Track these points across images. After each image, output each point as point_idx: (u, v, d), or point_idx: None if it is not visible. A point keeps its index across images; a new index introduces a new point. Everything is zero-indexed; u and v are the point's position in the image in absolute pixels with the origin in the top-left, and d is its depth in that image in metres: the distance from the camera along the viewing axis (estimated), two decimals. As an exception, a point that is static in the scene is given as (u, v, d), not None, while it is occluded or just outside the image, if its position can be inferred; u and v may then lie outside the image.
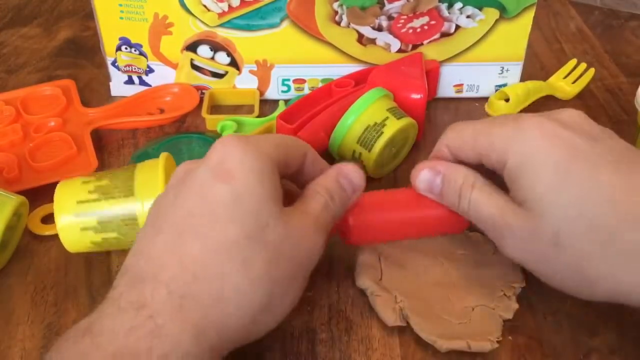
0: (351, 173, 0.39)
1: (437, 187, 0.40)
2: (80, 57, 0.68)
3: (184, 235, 0.33)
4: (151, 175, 0.43)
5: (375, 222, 0.41)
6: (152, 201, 0.40)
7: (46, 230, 0.46)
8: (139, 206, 0.42)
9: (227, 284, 0.32)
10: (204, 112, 0.57)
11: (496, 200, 0.37)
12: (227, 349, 0.33)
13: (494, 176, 0.39)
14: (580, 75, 0.63)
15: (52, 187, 0.44)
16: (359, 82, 0.55)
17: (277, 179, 0.35)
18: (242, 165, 0.33)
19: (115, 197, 0.42)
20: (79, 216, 0.42)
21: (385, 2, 0.55)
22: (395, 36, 0.57)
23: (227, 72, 0.59)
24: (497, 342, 0.38)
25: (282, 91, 0.60)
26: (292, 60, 0.58)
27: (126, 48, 0.58)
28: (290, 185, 0.40)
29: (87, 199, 0.42)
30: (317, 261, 0.36)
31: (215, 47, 0.58)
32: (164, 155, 0.45)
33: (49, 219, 0.46)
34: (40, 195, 0.48)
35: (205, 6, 0.55)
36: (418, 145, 0.55)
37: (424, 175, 0.40)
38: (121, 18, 0.56)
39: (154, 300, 0.31)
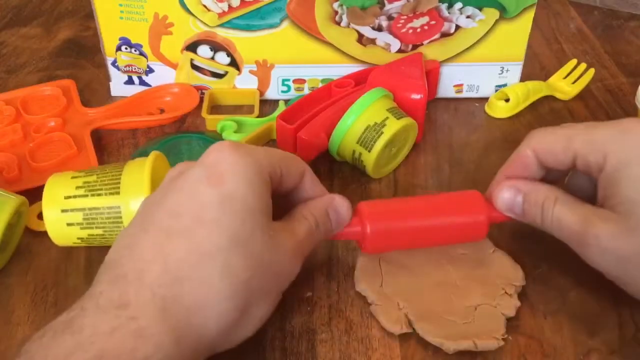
0: (340, 207, 0.39)
1: (519, 206, 0.40)
2: (80, 57, 0.68)
3: (170, 236, 0.33)
4: (138, 175, 0.43)
5: (393, 231, 0.40)
6: (137, 200, 0.41)
7: (42, 227, 0.46)
8: (123, 204, 0.42)
9: (210, 288, 0.32)
10: (204, 112, 0.57)
11: (580, 210, 0.38)
12: (204, 356, 0.33)
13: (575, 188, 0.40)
14: (580, 76, 0.63)
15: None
16: (359, 82, 0.55)
17: (268, 191, 0.35)
18: (234, 170, 0.33)
19: (102, 194, 0.42)
20: (65, 211, 0.42)
21: (385, 2, 0.55)
22: (395, 36, 0.57)
23: (227, 72, 0.59)
24: (503, 339, 0.38)
25: (282, 91, 0.60)
26: (292, 60, 0.58)
27: (126, 48, 0.58)
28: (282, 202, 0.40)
29: (74, 195, 0.42)
30: (289, 283, 0.37)
31: (215, 47, 0.58)
32: (153, 154, 0.44)
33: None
34: (40, 195, 0.48)
35: (205, 6, 0.55)
36: (418, 146, 0.55)
37: (505, 195, 0.40)
38: (121, 18, 0.56)
39: (137, 301, 0.31)
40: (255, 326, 0.35)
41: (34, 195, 0.48)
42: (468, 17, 0.56)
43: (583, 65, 0.64)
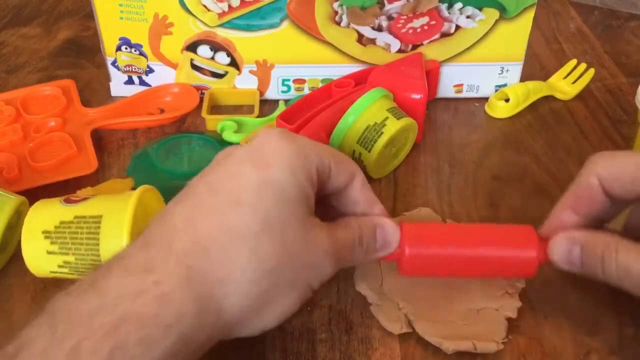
0: (390, 232, 0.37)
1: (577, 259, 0.36)
2: (80, 57, 0.68)
3: (204, 209, 0.32)
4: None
5: (433, 256, 0.38)
6: None
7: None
8: None
9: (236, 267, 0.31)
10: (204, 112, 0.57)
11: None
12: (221, 336, 0.33)
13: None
14: (580, 76, 0.63)
15: (52, 187, 0.45)
16: (359, 82, 0.55)
17: (311, 184, 0.34)
18: (278, 156, 0.33)
19: (86, 272, 0.41)
20: (54, 273, 0.42)
21: (385, 2, 0.55)
22: (395, 36, 0.57)
23: (227, 72, 0.59)
24: (503, 342, 0.38)
25: (282, 91, 0.60)
26: (292, 60, 0.58)
27: (126, 48, 0.58)
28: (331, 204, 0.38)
29: (59, 272, 0.41)
30: (320, 284, 0.35)
31: (215, 47, 0.58)
32: (127, 221, 0.40)
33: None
34: (40, 196, 0.48)
35: (205, 6, 0.55)
36: (418, 146, 0.55)
37: (560, 246, 0.36)
38: (121, 18, 0.56)
39: (163, 266, 0.31)
40: (278, 317, 0.34)
41: (34, 195, 0.47)
42: (468, 17, 0.56)
43: (583, 65, 0.64)
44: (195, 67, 0.59)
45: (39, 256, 0.41)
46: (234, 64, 0.58)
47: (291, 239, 0.32)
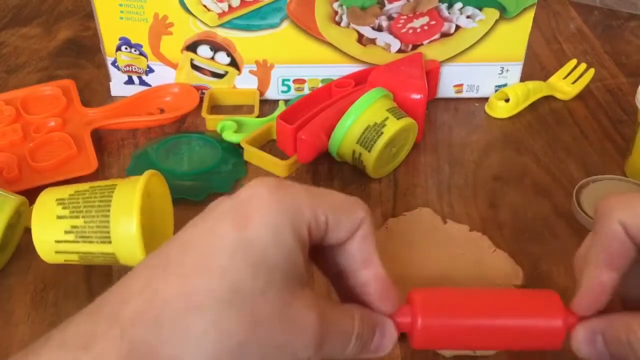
0: (387, 336, 0.32)
1: (602, 349, 0.32)
2: (80, 57, 0.68)
3: (167, 271, 0.28)
4: (126, 227, 0.41)
5: (449, 328, 0.33)
6: (131, 253, 0.41)
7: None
8: (118, 252, 0.41)
9: (189, 343, 0.27)
10: (204, 112, 0.57)
11: None
12: None
13: None
14: (580, 76, 0.63)
15: (52, 187, 0.45)
16: (359, 82, 0.55)
17: (300, 250, 0.29)
18: (264, 213, 0.28)
19: (93, 241, 0.41)
20: (60, 253, 0.42)
21: (385, 2, 0.55)
22: (395, 36, 0.57)
23: (227, 72, 0.59)
24: None
25: (282, 91, 0.60)
26: (292, 60, 0.58)
27: (126, 48, 0.58)
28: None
29: (65, 240, 0.41)
30: None
31: (215, 47, 0.58)
32: (140, 187, 0.41)
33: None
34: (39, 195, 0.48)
35: (205, 6, 0.55)
36: (418, 146, 0.55)
37: (582, 339, 0.32)
38: (121, 18, 0.56)
39: (103, 340, 0.27)
40: None
41: (34, 195, 0.47)
42: (468, 17, 0.56)
43: (583, 66, 0.64)
44: (195, 67, 0.59)
45: (48, 223, 0.41)
46: (234, 64, 0.58)
47: (264, 312, 0.27)
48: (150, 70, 0.59)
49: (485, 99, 0.61)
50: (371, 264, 0.32)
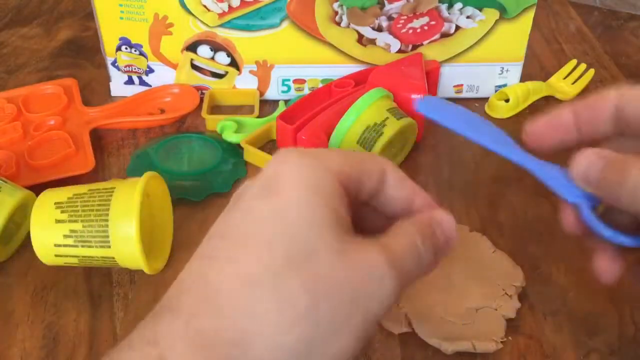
0: (445, 222, 0.32)
1: (596, 171, 0.33)
2: (80, 57, 0.68)
3: (213, 260, 0.28)
4: (127, 233, 0.40)
5: None
6: (129, 254, 0.40)
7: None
8: (117, 255, 0.41)
9: (257, 322, 0.26)
10: (204, 113, 0.57)
11: None
12: None
13: None
14: (580, 76, 0.63)
15: (49, 185, 0.45)
16: (359, 83, 0.55)
17: (340, 200, 0.29)
18: (292, 179, 0.28)
19: (92, 245, 0.41)
20: (59, 256, 0.42)
21: (385, 2, 0.55)
22: (395, 36, 0.57)
23: (227, 72, 0.59)
24: (502, 342, 0.38)
25: (282, 91, 0.60)
26: (292, 61, 0.58)
27: (126, 48, 0.58)
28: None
29: (64, 244, 0.41)
30: (386, 308, 0.29)
31: (215, 47, 0.58)
32: (139, 192, 0.41)
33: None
34: (37, 194, 0.48)
35: (205, 6, 0.55)
36: (418, 146, 0.55)
37: (585, 159, 0.34)
38: (121, 18, 0.56)
39: (169, 334, 0.27)
40: None
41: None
42: (468, 17, 0.56)
43: (583, 66, 0.64)
44: (195, 67, 0.59)
45: (47, 226, 0.41)
46: (234, 64, 0.58)
47: (324, 269, 0.27)
48: (150, 71, 0.59)
49: (485, 99, 0.61)
50: (417, 196, 0.32)
